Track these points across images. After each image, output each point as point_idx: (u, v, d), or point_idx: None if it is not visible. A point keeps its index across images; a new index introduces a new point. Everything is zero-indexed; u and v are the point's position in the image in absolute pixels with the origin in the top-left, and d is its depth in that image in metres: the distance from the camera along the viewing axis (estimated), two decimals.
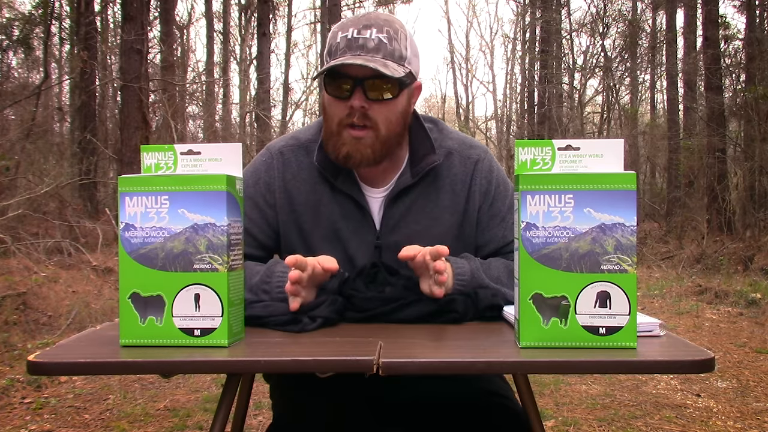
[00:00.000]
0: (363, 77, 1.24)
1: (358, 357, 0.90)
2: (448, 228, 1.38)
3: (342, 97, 1.27)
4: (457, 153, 1.40)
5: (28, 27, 10.25)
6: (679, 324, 5.11)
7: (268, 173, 1.39)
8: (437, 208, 1.37)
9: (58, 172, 8.52)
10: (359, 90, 1.24)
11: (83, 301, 4.89)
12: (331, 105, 1.29)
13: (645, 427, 2.86)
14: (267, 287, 1.22)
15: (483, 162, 1.41)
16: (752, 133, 9.83)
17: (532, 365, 0.93)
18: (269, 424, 1.26)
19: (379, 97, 1.26)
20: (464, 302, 1.18)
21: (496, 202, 1.40)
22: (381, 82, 1.25)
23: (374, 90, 1.25)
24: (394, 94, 1.27)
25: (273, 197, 1.38)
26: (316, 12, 19.05)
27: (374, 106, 1.26)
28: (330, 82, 1.28)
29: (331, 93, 1.29)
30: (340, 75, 1.26)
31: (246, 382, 1.46)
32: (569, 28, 18.15)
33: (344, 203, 1.37)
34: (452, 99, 25.97)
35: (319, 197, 1.37)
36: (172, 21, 12.10)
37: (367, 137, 1.27)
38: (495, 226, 1.39)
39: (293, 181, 1.38)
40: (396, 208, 1.37)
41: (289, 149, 1.40)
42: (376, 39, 1.24)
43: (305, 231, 1.37)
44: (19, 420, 2.88)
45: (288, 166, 1.39)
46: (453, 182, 1.38)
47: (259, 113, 11.64)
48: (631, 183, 0.94)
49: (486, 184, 1.40)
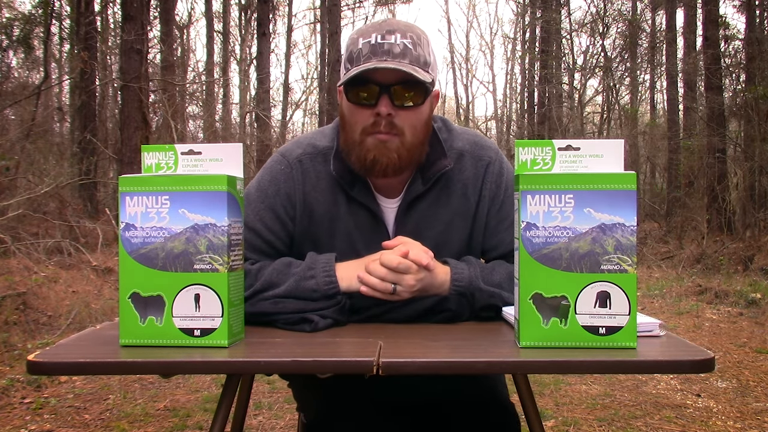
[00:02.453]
0: (389, 83, 1.20)
1: (358, 358, 0.91)
2: (460, 232, 1.36)
3: (367, 104, 1.23)
4: (469, 155, 1.37)
5: (28, 27, 10.26)
6: (679, 324, 5.11)
7: (288, 184, 1.34)
8: (449, 214, 1.35)
9: (58, 172, 8.52)
10: (385, 97, 1.21)
11: (83, 301, 4.89)
12: (354, 113, 1.25)
13: (645, 427, 2.86)
14: (313, 272, 1.20)
15: (494, 164, 1.38)
16: (752, 133, 9.82)
17: (532, 365, 0.93)
18: (306, 424, 1.29)
19: (406, 104, 1.23)
20: (458, 301, 1.18)
21: (504, 205, 1.37)
22: (407, 89, 1.22)
23: (400, 97, 1.22)
24: (419, 101, 1.24)
25: (293, 210, 1.34)
26: (316, 12, 19.09)
27: (400, 114, 1.23)
28: (353, 89, 1.23)
29: (354, 101, 1.24)
30: (364, 81, 1.21)
31: (246, 382, 1.46)
32: (569, 28, 18.16)
33: (359, 213, 1.34)
34: (452, 99, 26.00)
35: (337, 208, 1.34)
36: (172, 21, 12.10)
37: (392, 141, 1.23)
38: (503, 230, 1.37)
39: (313, 192, 1.34)
40: (409, 217, 1.34)
41: (307, 158, 1.35)
42: (401, 44, 1.21)
43: (321, 242, 1.34)
44: (19, 420, 2.88)
45: (307, 177, 1.34)
46: (464, 186, 1.36)
47: (259, 113, 11.65)
48: (631, 183, 0.94)
49: (495, 189, 1.37)
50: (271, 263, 1.24)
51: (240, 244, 1.04)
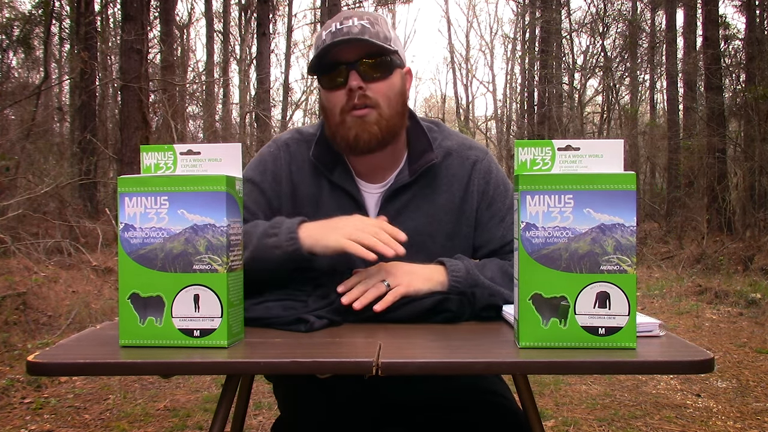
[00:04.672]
0: (355, 60, 1.27)
1: (357, 358, 0.90)
2: (443, 227, 1.38)
3: (339, 85, 1.29)
4: (456, 153, 1.41)
5: (28, 27, 10.26)
6: (679, 324, 5.11)
7: (275, 164, 1.40)
8: (433, 207, 1.38)
9: (58, 172, 8.52)
10: (353, 72, 1.27)
11: (83, 301, 4.89)
12: (330, 98, 1.32)
13: (645, 427, 2.86)
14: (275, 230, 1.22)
15: (482, 163, 1.41)
16: (752, 133, 9.83)
17: (531, 365, 0.93)
18: (275, 420, 1.27)
19: (374, 76, 1.29)
20: (459, 301, 1.18)
21: (495, 202, 1.40)
22: (373, 63, 1.28)
23: (368, 70, 1.28)
24: (387, 72, 1.30)
25: (279, 187, 1.39)
26: (316, 12, 19.04)
27: (371, 86, 1.29)
28: (324, 76, 1.31)
29: (327, 86, 1.31)
30: (332, 66, 1.29)
31: (246, 382, 1.46)
32: (569, 28, 18.15)
33: (341, 198, 1.38)
34: (452, 99, 26.01)
35: (320, 191, 1.39)
36: (172, 21, 12.09)
37: (370, 115, 1.29)
38: (494, 226, 1.40)
39: (298, 173, 1.40)
40: (392, 205, 1.37)
41: (294, 142, 1.43)
42: (359, 25, 1.28)
43: None
44: (19, 420, 2.88)
45: (294, 158, 1.41)
46: (450, 182, 1.39)
47: (259, 113, 11.64)
48: (631, 183, 0.94)
49: (484, 185, 1.40)
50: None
51: (239, 244, 1.04)
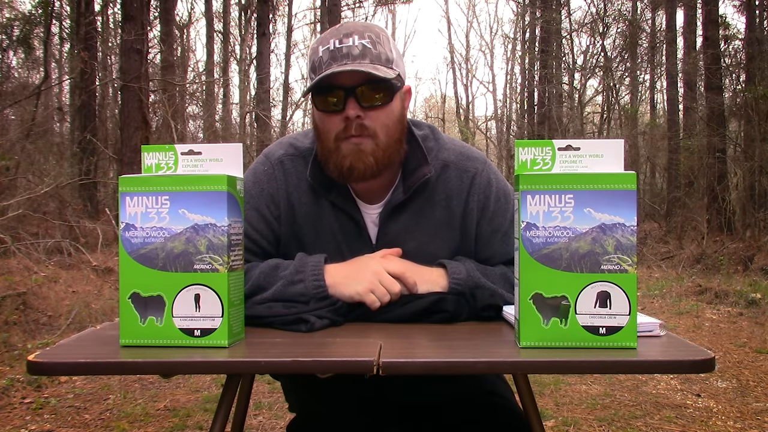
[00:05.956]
0: (353, 86, 1.19)
1: (358, 358, 0.90)
2: (446, 244, 1.33)
3: (335, 110, 1.22)
4: (454, 166, 1.34)
5: (28, 27, 10.26)
6: (679, 324, 5.11)
7: (271, 184, 1.34)
8: (432, 225, 1.32)
9: (58, 172, 8.52)
10: (352, 99, 1.20)
11: (83, 301, 4.89)
12: (324, 121, 1.24)
13: (645, 427, 2.86)
14: (302, 276, 1.20)
15: (481, 175, 1.34)
16: (752, 133, 9.83)
17: (532, 365, 0.93)
18: (290, 421, 1.28)
19: (374, 104, 1.21)
20: (455, 301, 1.17)
21: (496, 216, 1.34)
22: (372, 89, 1.21)
23: (367, 97, 1.20)
24: (387, 99, 1.23)
25: (277, 210, 1.33)
26: (316, 12, 19.06)
27: (370, 114, 1.21)
28: (320, 97, 1.23)
29: (322, 108, 1.23)
30: (329, 88, 1.21)
31: (246, 382, 1.46)
32: (569, 28, 18.15)
33: (341, 218, 1.33)
34: (452, 99, 26.01)
35: (321, 210, 1.33)
36: (172, 21, 12.09)
37: (366, 144, 1.22)
38: (497, 242, 1.34)
39: (295, 192, 1.34)
40: (391, 225, 1.32)
41: (288, 158, 1.35)
42: (359, 45, 1.20)
43: (306, 244, 1.33)
44: (19, 420, 2.88)
45: (289, 177, 1.34)
46: (449, 197, 1.33)
47: (259, 113, 11.64)
48: (631, 183, 0.94)
49: (484, 200, 1.33)
50: (258, 265, 1.24)
51: (240, 244, 1.04)
